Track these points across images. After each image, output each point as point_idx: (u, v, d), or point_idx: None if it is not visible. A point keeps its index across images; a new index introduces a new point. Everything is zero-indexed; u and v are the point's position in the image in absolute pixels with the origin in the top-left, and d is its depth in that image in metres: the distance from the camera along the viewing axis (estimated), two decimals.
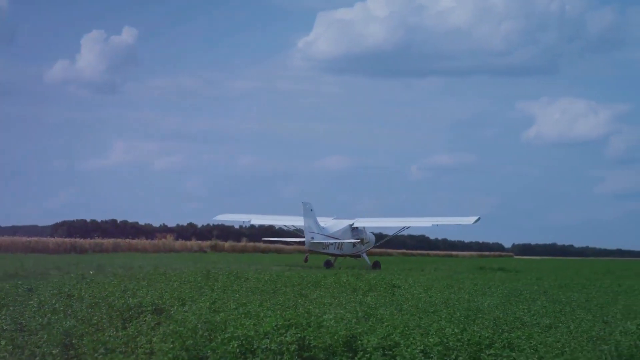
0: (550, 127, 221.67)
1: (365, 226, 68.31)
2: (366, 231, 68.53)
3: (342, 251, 66.21)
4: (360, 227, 67.62)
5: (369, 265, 64.61)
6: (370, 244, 69.59)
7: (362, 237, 67.50)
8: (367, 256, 68.05)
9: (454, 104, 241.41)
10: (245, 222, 75.48)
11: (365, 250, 68.33)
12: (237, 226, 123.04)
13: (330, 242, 64.71)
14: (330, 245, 64.79)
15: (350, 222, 67.64)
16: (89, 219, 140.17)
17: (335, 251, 65.71)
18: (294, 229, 68.90)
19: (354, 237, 66.78)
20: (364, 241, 67.71)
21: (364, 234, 68.03)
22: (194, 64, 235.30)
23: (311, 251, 65.73)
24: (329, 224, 66.50)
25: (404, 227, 70.36)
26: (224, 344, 16.55)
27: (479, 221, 66.11)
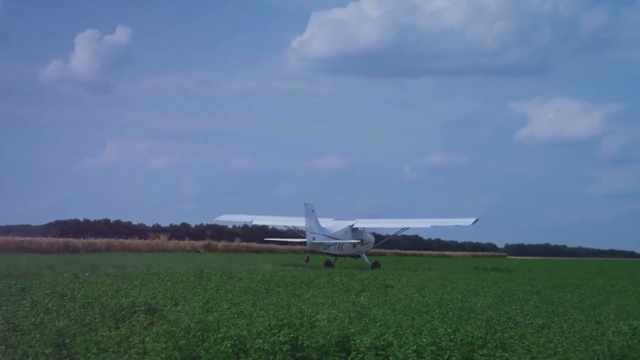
0: (543, 127, 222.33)
1: (365, 227, 68.99)
2: (366, 232, 69.17)
3: (342, 251, 66.85)
4: (360, 228, 68.32)
5: (369, 265, 65.53)
6: (370, 244, 70.33)
7: (362, 237, 68.18)
8: (366, 256, 68.83)
9: (447, 104, 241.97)
10: (247, 222, 76.42)
11: (365, 250, 69.12)
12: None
13: (331, 242, 65.34)
14: (331, 245, 65.44)
15: (350, 223, 68.29)
16: (82, 219, 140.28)
17: (335, 251, 66.35)
18: (286, 229, 69.02)
19: (354, 237, 67.46)
20: (363, 242, 68.37)
21: (364, 234, 68.69)
22: (188, 63, 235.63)
23: (312, 251, 66.48)
24: (330, 225, 67.18)
25: (403, 228, 71.11)
26: (216, 343, 16.54)
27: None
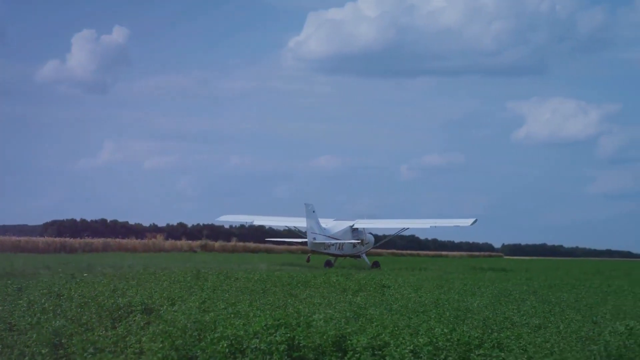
0: (540, 127, 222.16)
1: (365, 227, 69.46)
2: (366, 232, 69.64)
3: (342, 251, 67.39)
4: (360, 228, 68.83)
5: (369, 265, 66.19)
6: (369, 244, 70.90)
7: (362, 238, 68.71)
8: (366, 256, 69.38)
9: (445, 104, 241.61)
10: (248, 222, 77.00)
11: (365, 250, 69.70)
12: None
13: (331, 242, 65.90)
14: (331, 245, 66.01)
15: (350, 223, 68.79)
16: (78, 219, 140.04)
17: (336, 251, 66.89)
18: (283, 229, 69.26)
19: (354, 238, 68.01)
20: (363, 242, 68.92)
21: (364, 235, 69.20)
22: (185, 63, 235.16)
23: (313, 251, 66.89)
24: (330, 225, 67.68)
25: (403, 228, 71.67)
26: (213, 343, 16.54)
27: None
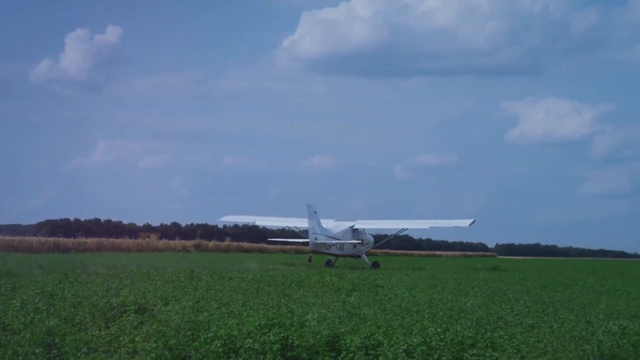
0: (534, 127, 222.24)
1: (365, 228, 70.04)
2: (366, 232, 70.21)
3: (343, 251, 68.02)
4: (360, 228, 69.47)
5: (369, 265, 67.10)
6: (369, 244, 71.49)
7: (362, 238, 69.34)
8: (366, 256, 70.05)
9: (439, 104, 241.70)
10: (250, 222, 77.66)
11: (365, 250, 70.32)
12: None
13: (332, 242, 66.55)
14: (332, 245, 66.65)
15: (350, 223, 69.46)
16: (72, 218, 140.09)
17: (337, 251, 67.53)
18: (278, 229, 69.59)
19: (354, 238, 68.68)
20: (363, 242, 69.50)
21: (364, 235, 69.78)
22: (179, 63, 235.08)
23: (314, 251, 67.36)
24: (331, 226, 68.36)
25: (402, 228, 72.44)
26: (207, 343, 16.54)
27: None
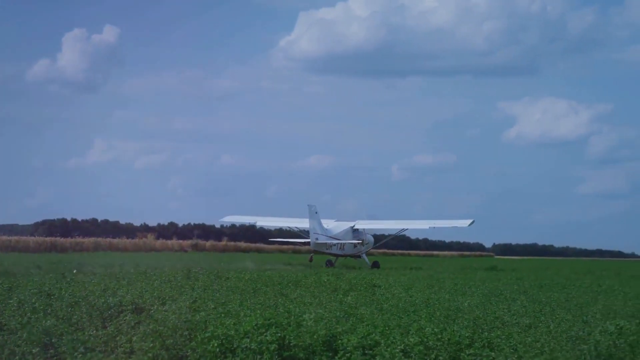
0: (531, 127, 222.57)
1: (365, 228, 70.60)
2: (366, 233, 70.72)
3: (343, 251, 68.63)
4: (360, 229, 70.02)
5: (369, 264, 67.40)
6: (369, 245, 72.12)
7: (363, 238, 69.92)
8: (366, 256, 70.48)
9: (436, 104, 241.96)
10: (251, 223, 78.63)
11: (365, 250, 70.86)
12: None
13: (333, 242, 67.12)
14: (333, 245, 67.26)
15: (351, 224, 69.99)
16: (69, 218, 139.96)
17: (337, 251, 68.13)
18: (273, 229, 69.81)
19: (354, 238, 69.25)
20: (363, 242, 70.05)
21: (364, 235, 70.33)
22: (176, 63, 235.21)
23: (316, 251, 67.79)
24: (332, 226, 68.94)
25: (402, 229, 73.17)
26: (204, 343, 16.54)
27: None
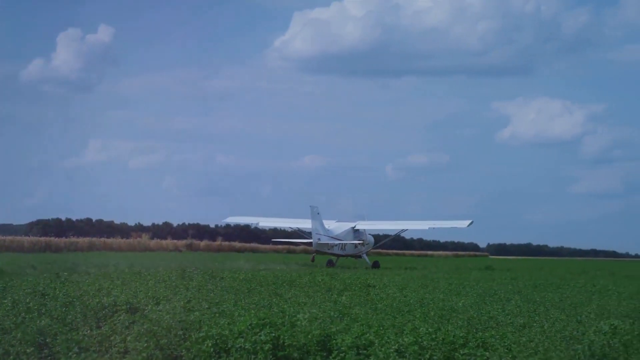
0: (525, 127, 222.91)
1: (365, 228, 71.17)
2: (366, 233, 71.34)
3: (345, 251, 69.28)
4: (361, 229, 70.61)
5: (369, 264, 67.96)
6: (370, 245, 72.77)
7: (363, 238, 70.63)
8: (367, 256, 71.16)
9: (430, 104, 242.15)
10: (253, 223, 79.75)
11: (365, 251, 71.60)
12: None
13: (335, 243, 67.78)
14: (334, 246, 67.91)
15: (352, 224, 70.58)
16: (64, 218, 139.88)
17: (338, 252, 68.81)
18: (268, 229, 70.07)
19: (355, 238, 69.94)
20: (364, 242, 70.77)
21: (365, 235, 70.96)
22: (171, 63, 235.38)
23: (317, 251, 68.34)
24: (333, 226, 69.58)
25: (402, 229, 73.85)
26: (198, 343, 16.54)
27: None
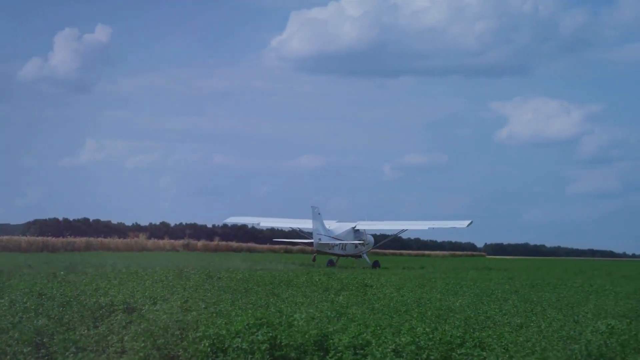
0: (523, 127, 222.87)
1: (366, 228, 71.66)
2: (366, 233, 71.82)
3: (345, 251, 69.76)
4: (361, 229, 71.08)
5: (369, 264, 68.56)
6: (370, 245, 73.35)
7: (364, 239, 71.17)
8: (367, 256, 71.74)
9: (428, 104, 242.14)
10: (254, 224, 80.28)
11: (365, 251, 72.18)
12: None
13: (335, 243, 68.27)
14: (335, 246, 68.43)
15: (352, 224, 71.08)
16: (61, 218, 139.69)
17: (339, 252, 69.27)
18: (265, 229, 70.29)
19: (355, 238, 70.46)
20: (364, 242, 71.31)
21: (365, 235, 71.46)
22: (168, 62, 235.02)
23: (318, 251, 68.70)
24: (333, 227, 70.04)
25: (402, 229, 74.41)
26: (195, 343, 16.54)
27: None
